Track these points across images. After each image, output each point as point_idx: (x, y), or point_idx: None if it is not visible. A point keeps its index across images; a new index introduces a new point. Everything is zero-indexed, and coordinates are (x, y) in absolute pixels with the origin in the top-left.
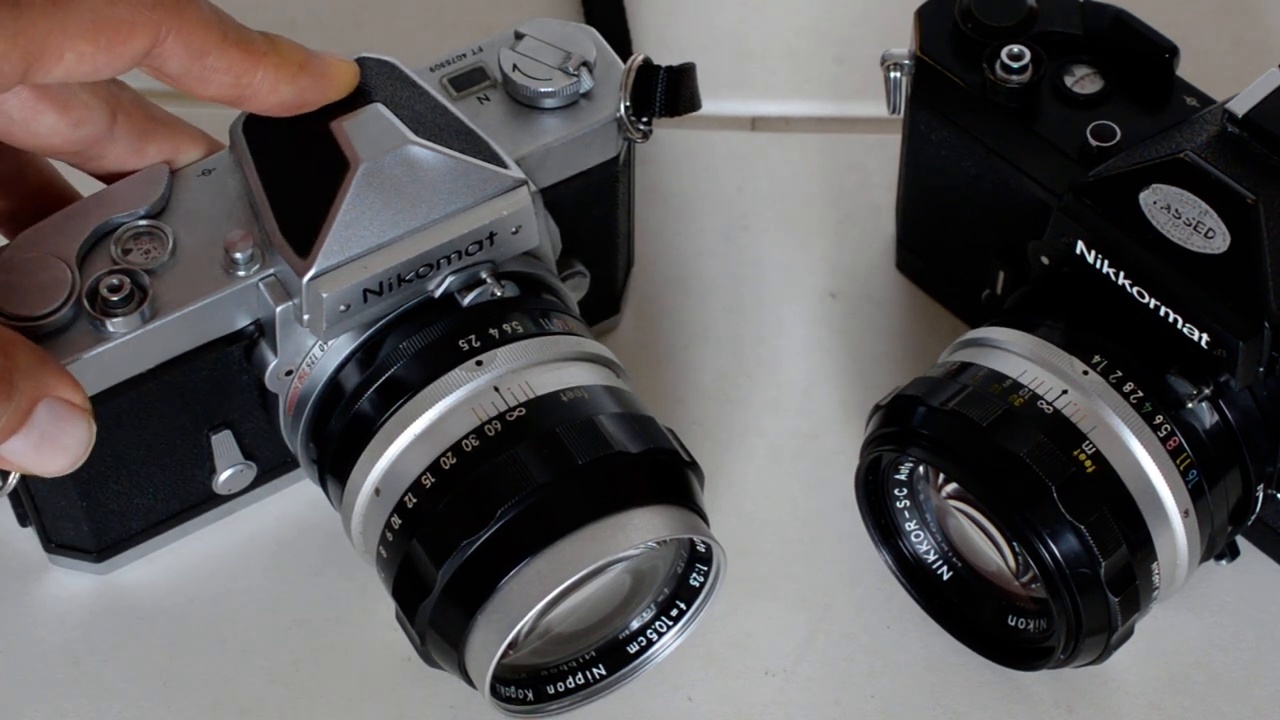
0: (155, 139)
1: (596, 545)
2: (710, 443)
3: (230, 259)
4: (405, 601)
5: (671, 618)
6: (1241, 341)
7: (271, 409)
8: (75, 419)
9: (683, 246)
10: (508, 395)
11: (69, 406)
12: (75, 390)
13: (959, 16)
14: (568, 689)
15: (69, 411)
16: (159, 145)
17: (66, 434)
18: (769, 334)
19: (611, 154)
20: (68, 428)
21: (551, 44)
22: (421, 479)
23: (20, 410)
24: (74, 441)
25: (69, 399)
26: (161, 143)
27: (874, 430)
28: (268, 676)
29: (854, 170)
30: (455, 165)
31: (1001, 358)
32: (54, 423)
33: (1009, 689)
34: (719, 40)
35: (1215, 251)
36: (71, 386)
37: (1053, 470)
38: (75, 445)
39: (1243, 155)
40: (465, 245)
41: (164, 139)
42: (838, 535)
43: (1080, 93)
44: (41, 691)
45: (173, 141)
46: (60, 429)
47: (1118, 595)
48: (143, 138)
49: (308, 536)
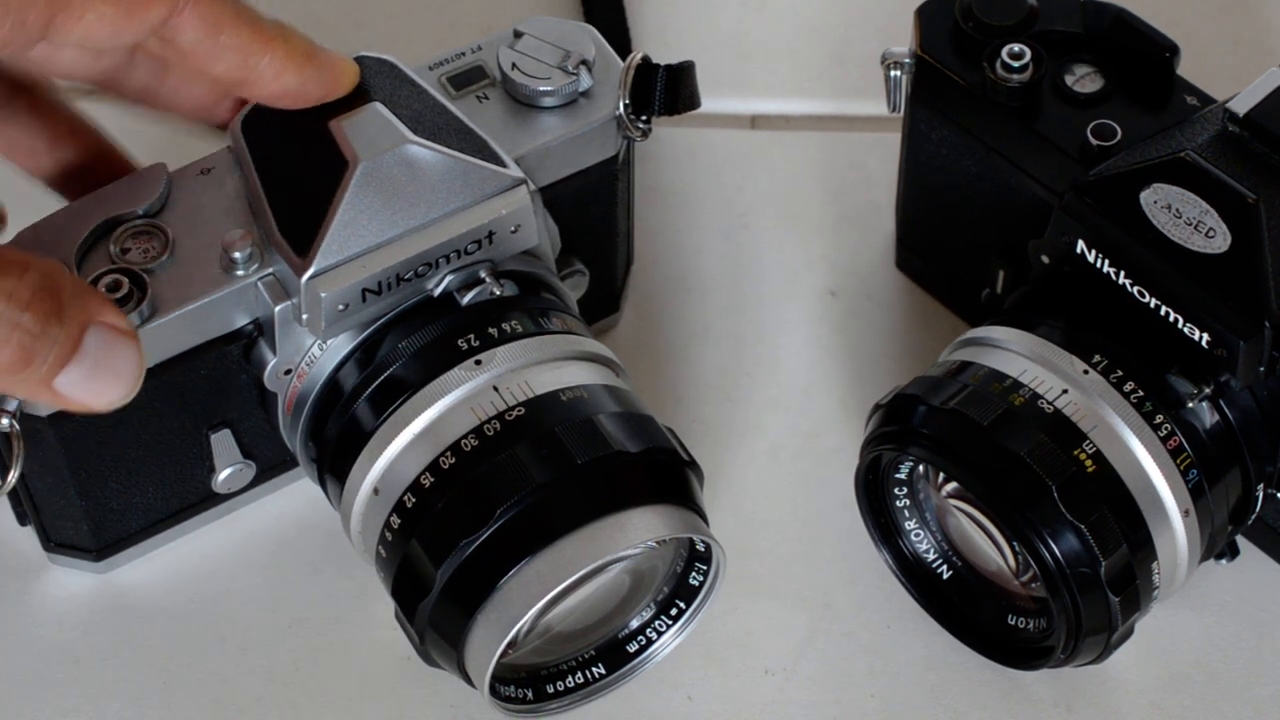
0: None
1: (596, 545)
2: (710, 442)
3: (229, 258)
4: (404, 601)
5: (671, 617)
6: (1242, 341)
7: (270, 408)
8: (124, 343)
9: (682, 245)
10: (507, 395)
11: (117, 332)
12: (120, 315)
13: (959, 15)
14: (567, 688)
15: (117, 337)
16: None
17: (118, 360)
18: (769, 333)
19: (611, 152)
20: (119, 353)
21: (550, 43)
22: (420, 479)
23: (70, 337)
24: (126, 366)
25: (115, 323)
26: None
27: (874, 429)
28: (267, 676)
29: (854, 169)
30: (454, 164)
31: (1002, 357)
32: (104, 349)
33: (1009, 688)
34: (719, 38)
35: (1216, 251)
36: (116, 311)
37: (1053, 469)
38: (128, 372)
39: (1243, 155)
40: (464, 244)
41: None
42: (838, 534)
43: (1081, 92)
44: (41, 691)
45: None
46: (111, 355)
47: (1118, 595)
48: (165, 64)
49: (307, 536)
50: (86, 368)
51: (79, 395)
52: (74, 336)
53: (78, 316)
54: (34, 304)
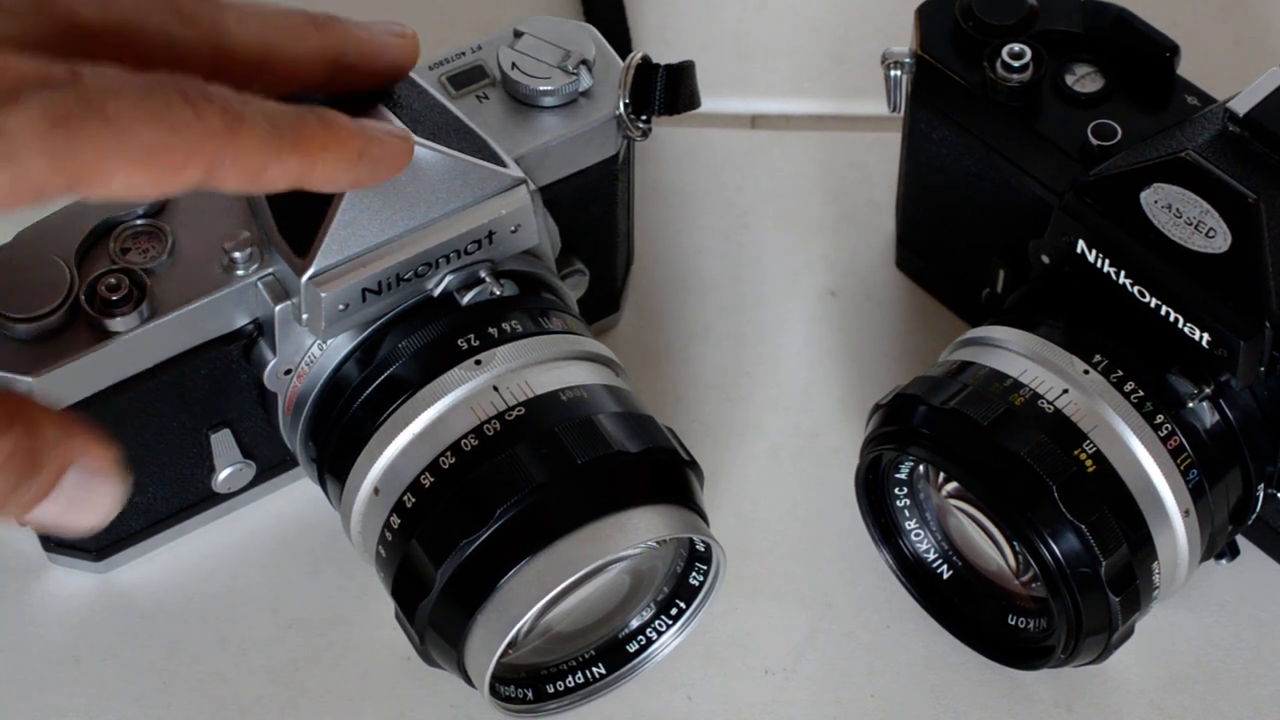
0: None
1: (596, 545)
2: (710, 441)
3: (229, 258)
4: (404, 601)
5: (671, 617)
6: (1242, 341)
7: (270, 408)
8: (101, 480)
9: (682, 245)
10: (507, 394)
11: (96, 470)
12: (102, 452)
13: (960, 15)
14: (567, 688)
15: (94, 475)
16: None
17: (95, 495)
18: (769, 332)
19: (610, 152)
20: (96, 489)
21: (550, 42)
22: (420, 478)
23: (45, 484)
24: (103, 501)
25: (97, 464)
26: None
27: (874, 429)
28: (267, 676)
29: (854, 168)
30: (454, 164)
31: (1002, 357)
32: (82, 487)
33: (1009, 689)
34: (719, 38)
35: (1216, 251)
36: (98, 449)
37: (1053, 469)
38: (104, 504)
39: (1244, 154)
40: (464, 244)
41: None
42: (838, 534)
43: (1081, 91)
44: (41, 691)
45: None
46: (88, 491)
47: (1118, 595)
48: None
49: (307, 535)
50: (61, 505)
51: (52, 523)
52: (49, 482)
53: (56, 463)
54: (7, 466)
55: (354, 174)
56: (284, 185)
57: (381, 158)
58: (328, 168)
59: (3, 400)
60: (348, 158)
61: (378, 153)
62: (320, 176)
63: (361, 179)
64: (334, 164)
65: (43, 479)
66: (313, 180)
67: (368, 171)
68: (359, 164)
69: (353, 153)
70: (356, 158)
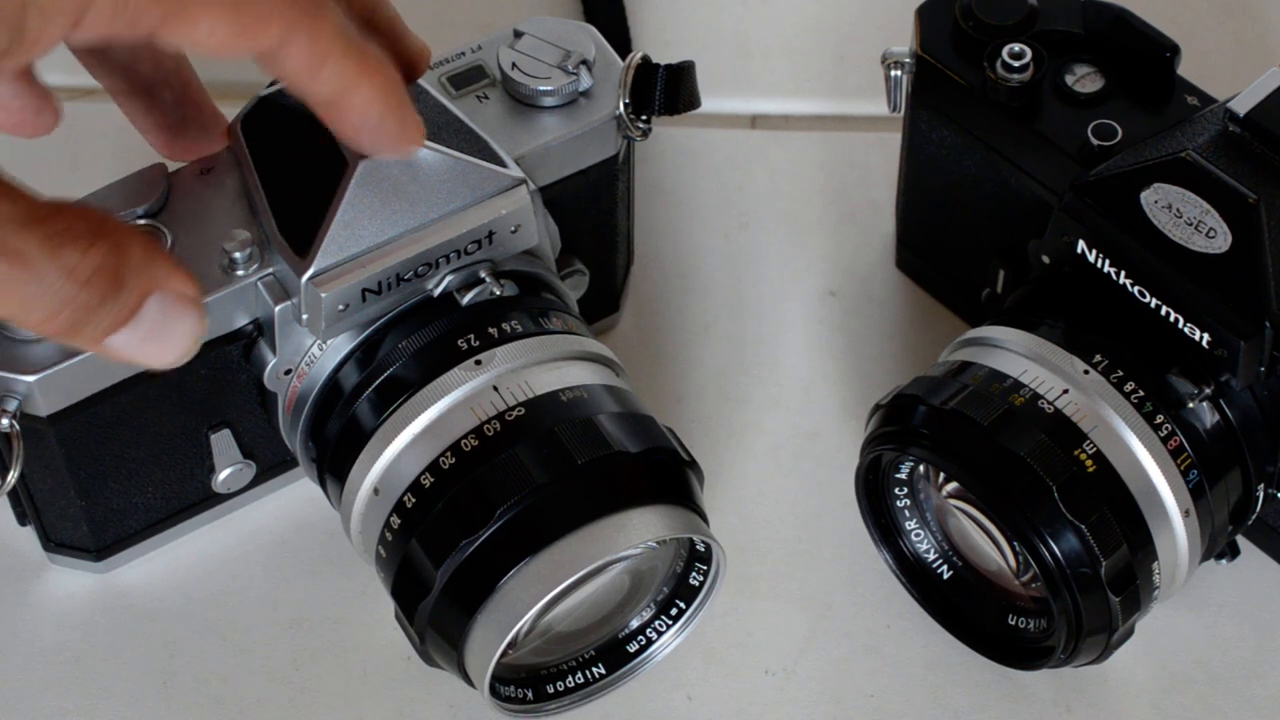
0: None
1: (596, 545)
2: (710, 441)
3: (229, 258)
4: (404, 601)
5: (671, 617)
6: (1242, 341)
7: (270, 408)
8: (184, 312)
9: (682, 245)
10: (507, 395)
11: (179, 299)
12: (187, 283)
13: (960, 15)
14: (567, 688)
15: (178, 304)
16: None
17: (175, 327)
18: (769, 332)
19: (610, 152)
20: (176, 320)
21: (550, 42)
22: (420, 479)
23: (127, 306)
24: (182, 334)
25: (180, 291)
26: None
27: (874, 429)
28: (267, 676)
29: (854, 169)
30: (454, 164)
31: (1002, 357)
32: (163, 316)
33: (1009, 689)
34: (719, 38)
35: (1216, 251)
36: (183, 279)
37: (1053, 470)
38: (183, 338)
39: (1244, 154)
40: (464, 244)
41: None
42: (838, 534)
43: (1081, 92)
44: (41, 691)
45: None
46: (169, 322)
47: (1118, 595)
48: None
49: (307, 535)
50: (141, 333)
51: (129, 355)
52: (131, 306)
53: (139, 287)
54: (92, 281)
55: (385, 119)
56: (327, 92)
57: (407, 126)
58: (368, 94)
59: (90, 215)
60: (388, 101)
61: (407, 118)
62: (359, 101)
63: (386, 128)
64: (374, 95)
65: (124, 301)
66: (351, 101)
67: (393, 127)
68: (393, 112)
69: (395, 99)
70: (397, 105)
